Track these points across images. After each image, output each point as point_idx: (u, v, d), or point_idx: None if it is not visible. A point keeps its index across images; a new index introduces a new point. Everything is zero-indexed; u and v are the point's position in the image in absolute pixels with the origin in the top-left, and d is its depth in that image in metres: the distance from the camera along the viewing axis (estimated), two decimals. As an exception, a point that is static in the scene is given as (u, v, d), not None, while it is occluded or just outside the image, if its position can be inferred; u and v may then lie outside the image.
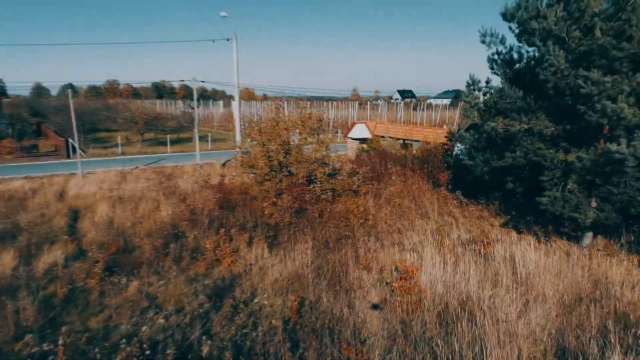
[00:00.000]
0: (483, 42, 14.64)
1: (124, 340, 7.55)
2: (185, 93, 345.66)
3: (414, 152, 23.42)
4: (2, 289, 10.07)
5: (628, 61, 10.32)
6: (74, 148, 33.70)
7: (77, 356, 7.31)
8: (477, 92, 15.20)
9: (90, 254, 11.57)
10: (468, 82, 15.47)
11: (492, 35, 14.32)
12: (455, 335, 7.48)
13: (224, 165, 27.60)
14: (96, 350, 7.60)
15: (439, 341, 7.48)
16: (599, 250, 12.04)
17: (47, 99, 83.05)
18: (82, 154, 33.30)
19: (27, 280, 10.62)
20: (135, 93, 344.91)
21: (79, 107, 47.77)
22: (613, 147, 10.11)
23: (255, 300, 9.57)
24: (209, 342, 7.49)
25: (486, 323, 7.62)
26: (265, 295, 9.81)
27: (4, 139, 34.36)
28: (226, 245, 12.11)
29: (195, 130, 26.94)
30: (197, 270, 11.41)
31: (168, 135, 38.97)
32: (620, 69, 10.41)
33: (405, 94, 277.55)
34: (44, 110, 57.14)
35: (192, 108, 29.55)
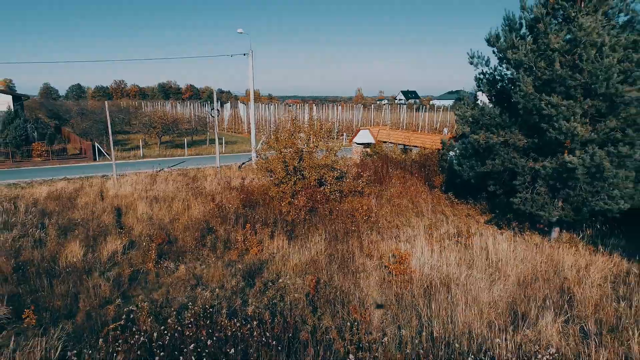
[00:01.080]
0: (471, 63, 17.04)
1: (190, 306, 10.11)
2: (192, 93, 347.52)
3: (413, 156, 25.89)
4: (79, 270, 12.66)
5: (580, 89, 12.74)
6: (99, 151, 36.50)
7: (154, 316, 9.84)
8: (465, 107, 17.65)
9: (143, 244, 14.13)
10: (458, 97, 17.94)
11: (478, 57, 16.71)
12: (435, 302, 9.97)
13: (240, 167, 30.17)
14: (166, 311, 10.15)
15: (423, 307, 9.98)
16: (563, 242, 14.47)
17: (65, 102, 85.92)
18: (108, 156, 36.05)
19: (95, 264, 13.22)
20: (142, 93, 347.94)
21: (101, 111, 50.63)
22: (567, 157, 12.57)
23: (280, 280, 12.09)
24: (253, 304, 10.04)
25: (458, 293, 10.12)
26: (288, 277, 12.34)
27: (32, 142, 37.09)
28: (253, 237, 14.67)
29: (216, 137, 29.47)
30: (231, 257, 13.96)
31: (185, 139, 41.66)
32: (574, 94, 12.83)
33: (409, 94, 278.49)
34: (63, 114, 60.10)
35: (213, 117, 32.14)
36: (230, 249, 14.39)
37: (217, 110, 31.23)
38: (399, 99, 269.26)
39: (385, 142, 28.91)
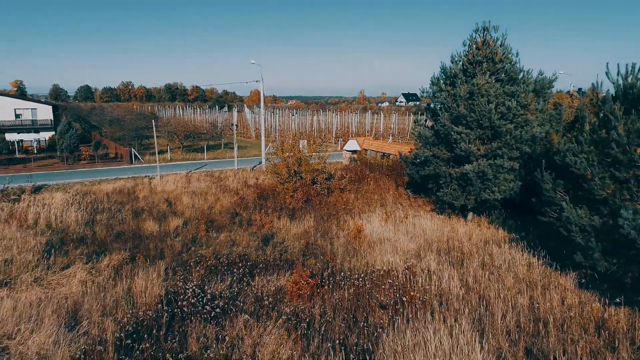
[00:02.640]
0: (421, 96, 24.46)
1: (233, 251, 17.52)
2: (197, 94, 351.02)
3: (389, 162, 33.21)
4: (157, 237, 20.10)
5: (475, 122, 20.04)
6: (135, 156, 44.04)
7: (215, 258, 17.20)
8: (417, 127, 24.96)
9: (194, 222, 21.58)
10: (415, 120, 25.27)
11: (425, 92, 24.04)
12: (375, 250, 17.35)
13: (252, 169, 37.60)
14: (219, 257, 17.54)
15: (369, 253, 17.35)
16: (473, 221, 21.78)
17: (94, 109, 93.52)
18: (142, 160, 43.67)
19: (166, 233, 20.67)
20: (149, 94, 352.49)
21: (129, 118, 58.32)
22: (466, 167, 19.92)
23: (285, 243, 19.49)
24: (267, 251, 17.50)
25: (387, 244, 17.51)
26: (290, 241, 19.73)
27: (78, 146, 44.59)
28: (266, 218, 22.09)
29: (235, 146, 36.87)
30: (252, 230, 21.37)
31: (204, 145, 49.21)
32: (471, 126, 20.15)
33: (409, 97, 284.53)
34: (93, 120, 67.86)
35: (232, 130, 39.57)
36: (252, 225, 21.83)
37: (235, 125, 38.70)
38: (400, 102, 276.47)
39: (367, 150, 36.23)
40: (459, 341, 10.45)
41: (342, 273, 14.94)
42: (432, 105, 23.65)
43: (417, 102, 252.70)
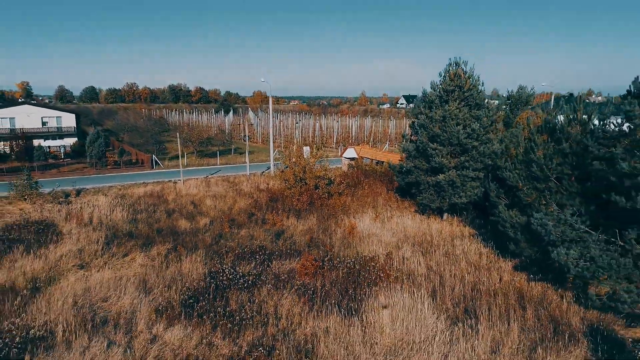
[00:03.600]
0: (407, 115, 29.27)
1: (252, 243, 22.34)
2: (201, 95, 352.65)
3: (382, 169, 37.96)
4: (190, 232, 24.94)
5: (447, 140, 24.81)
6: (156, 162, 48.91)
7: (240, 248, 21.99)
8: (403, 142, 29.73)
9: (219, 220, 26.42)
10: (403, 135, 30.03)
11: (410, 111, 28.84)
12: (364, 242, 22.16)
13: (262, 174, 42.43)
14: (243, 247, 22.35)
15: (360, 245, 22.15)
16: (447, 221, 26.54)
17: (106, 112, 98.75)
18: (161, 165, 48.54)
19: (197, 230, 25.51)
20: (153, 95, 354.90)
21: (144, 125, 63.24)
22: (439, 176, 24.71)
23: (293, 237, 24.31)
24: (280, 243, 22.36)
25: (373, 238, 22.34)
26: (297, 236, 24.54)
27: (105, 153, 49.53)
28: (277, 217, 26.91)
29: (247, 155, 41.68)
30: (266, 227, 26.19)
31: (216, 150, 54.08)
32: (444, 143, 24.92)
33: (410, 99, 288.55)
34: (107, 125, 72.82)
35: (244, 141, 44.39)
36: (265, 223, 26.67)
37: (247, 136, 43.52)
38: (401, 104, 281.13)
39: (363, 157, 41.00)
40: (416, 303, 15.26)
41: (338, 259, 19.75)
42: (415, 123, 28.45)
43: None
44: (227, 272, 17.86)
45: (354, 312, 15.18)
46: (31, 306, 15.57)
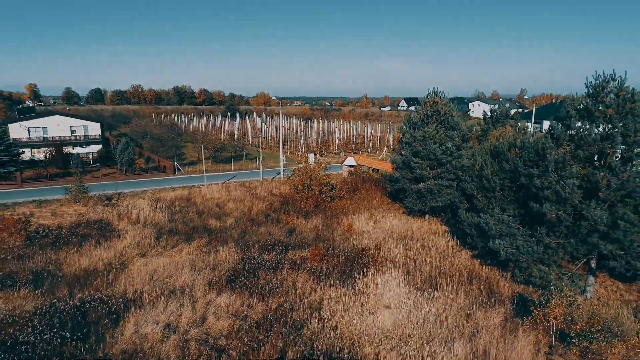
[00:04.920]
0: (400, 129, 35.27)
1: (270, 238, 28.40)
2: (205, 97, 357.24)
3: (376, 175, 43.96)
4: (219, 230, 31.01)
5: (426, 155, 30.79)
6: (177, 168, 55.02)
7: (262, 242, 28.01)
8: (393, 154, 35.74)
9: (242, 220, 32.49)
10: (393, 149, 36.06)
11: (400, 130, 34.81)
12: (358, 237, 28.22)
13: (272, 180, 48.46)
14: (265, 241, 28.38)
15: (355, 239, 28.18)
16: (428, 221, 32.53)
17: (118, 116, 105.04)
18: (182, 171, 54.63)
19: (225, 228, 31.57)
20: (157, 97, 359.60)
21: (160, 132, 69.36)
22: (420, 185, 30.72)
23: (303, 234, 30.37)
24: (292, 238, 28.45)
25: (366, 234, 28.39)
26: (306, 232, 30.58)
27: (133, 160, 55.52)
28: (288, 217, 32.97)
29: (260, 164, 47.69)
30: (280, 225, 32.24)
31: (230, 156, 60.14)
32: (424, 157, 30.92)
33: (411, 101, 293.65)
34: (123, 129, 78.95)
35: (258, 151, 50.34)
36: (280, 222, 32.72)
37: (261, 148, 49.47)
38: (402, 106, 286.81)
39: (361, 165, 46.99)
40: (394, 279, 21.29)
41: (338, 249, 25.78)
42: (402, 140, 34.48)
43: (418, 107, 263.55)
44: (255, 259, 23.94)
45: (349, 285, 21.20)
46: (118, 281, 21.68)
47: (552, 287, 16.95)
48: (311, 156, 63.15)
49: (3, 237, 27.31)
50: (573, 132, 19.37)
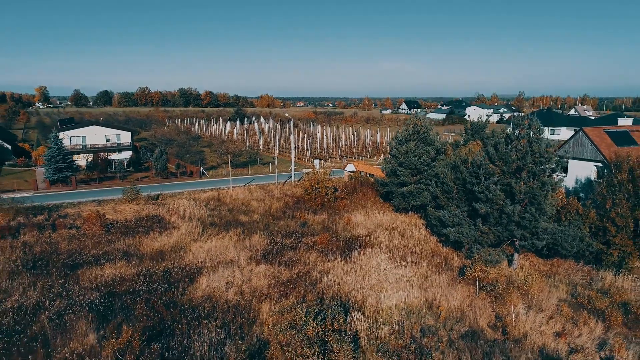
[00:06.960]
0: (389, 146, 44.42)
1: (288, 229, 37.53)
2: (210, 99, 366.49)
3: (372, 180, 53.01)
4: (249, 222, 40.16)
5: (408, 166, 39.80)
6: (203, 172, 64.23)
7: (283, 231, 37.06)
8: (384, 163, 44.81)
9: (265, 215, 41.66)
10: (385, 158, 45.17)
11: (389, 144, 43.87)
12: (355, 228, 37.34)
13: (284, 183, 57.55)
14: (284, 230, 37.46)
15: (353, 230, 37.28)
16: (410, 216, 41.55)
17: (133, 121, 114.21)
18: (207, 175, 63.83)
19: (253, 221, 40.72)
20: (164, 99, 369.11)
21: (184, 139, 78.66)
22: (403, 188, 39.79)
23: (313, 226, 39.48)
24: (305, 229, 37.64)
25: (361, 226, 37.53)
26: (315, 225, 39.69)
27: (166, 166, 64.69)
28: (300, 214, 42.12)
29: (276, 170, 56.85)
30: (295, 220, 41.34)
31: (246, 160, 69.28)
32: (407, 167, 39.93)
33: (411, 104, 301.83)
34: (154, 140, 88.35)
35: (273, 158, 59.43)
36: (294, 218, 41.85)
37: (275, 157, 58.58)
38: (402, 109, 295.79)
39: (360, 171, 56.04)
40: (379, 255, 30.38)
41: (340, 237, 34.86)
42: (391, 151, 43.53)
43: (418, 110, 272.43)
44: (279, 242, 33.07)
45: (348, 259, 30.27)
46: (185, 258, 30.85)
47: (476, 257, 26.03)
48: (317, 162, 72.36)
49: (89, 227, 36.54)
50: (502, 154, 28.41)
